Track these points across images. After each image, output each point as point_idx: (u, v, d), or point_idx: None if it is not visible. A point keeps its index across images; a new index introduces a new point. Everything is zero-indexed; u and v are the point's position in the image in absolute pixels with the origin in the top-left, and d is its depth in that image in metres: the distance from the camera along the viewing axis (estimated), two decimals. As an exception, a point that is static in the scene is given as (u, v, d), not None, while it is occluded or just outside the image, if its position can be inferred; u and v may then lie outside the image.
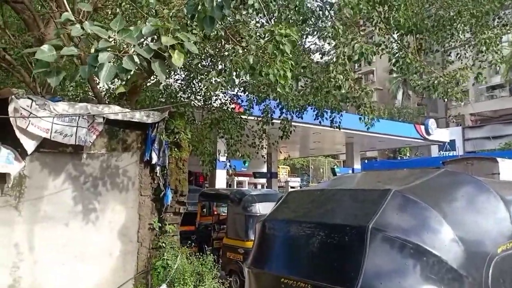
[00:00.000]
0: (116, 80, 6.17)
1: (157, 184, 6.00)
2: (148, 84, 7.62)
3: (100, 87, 6.91)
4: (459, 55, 8.26)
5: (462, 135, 43.39)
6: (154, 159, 5.85)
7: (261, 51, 3.70)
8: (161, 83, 7.61)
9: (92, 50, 2.40)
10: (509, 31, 7.59)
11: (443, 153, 33.07)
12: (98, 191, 5.56)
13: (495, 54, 7.13)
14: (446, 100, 6.98)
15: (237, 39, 4.31)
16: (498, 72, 42.42)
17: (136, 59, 2.44)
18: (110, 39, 2.41)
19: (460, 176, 2.36)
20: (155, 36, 3.07)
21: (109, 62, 2.35)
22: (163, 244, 5.88)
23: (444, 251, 1.75)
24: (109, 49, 2.39)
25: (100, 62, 2.31)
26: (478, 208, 2.04)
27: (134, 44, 2.43)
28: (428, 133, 23.07)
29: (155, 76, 6.56)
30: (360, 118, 6.88)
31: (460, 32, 6.93)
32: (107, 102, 6.49)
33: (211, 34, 3.84)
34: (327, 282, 1.86)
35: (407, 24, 6.68)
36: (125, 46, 2.42)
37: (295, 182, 35.21)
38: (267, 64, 3.62)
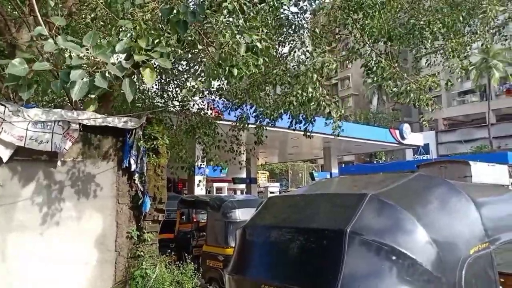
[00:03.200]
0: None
1: (135, 192, 5.91)
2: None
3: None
4: (429, 62, 8.54)
5: (435, 139, 44.65)
6: (132, 166, 5.76)
7: (227, 48, 3.69)
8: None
9: (65, 65, 2.39)
10: (478, 39, 7.90)
11: (418, 157, 33.88)
12: (74, 199, 5.44)
13: (462, 61, 7.42)
14: (417, 106, 7.17)
15: (210, 41, 4.30)
16: (469, 78, 43.89)
17: (109, 75, 2.45)
18: (83, 55, 2.40)
19: (433, 179, 2.44)
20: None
21: (81, 79, 2.34)
22: (142, 253, 5.78)
23: (418, 253, 1.81)
24: (83, 65, 2.38)
25: (72, 79, 2.30)
26: (450, 210, 2.11)
27: (107, 61, 2.42)
28: (402, 137, 23.62)
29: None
30: (326, 123, 7.01)
31: (430, 40, 7.14)
32: (82, 108, 6.38)
33: (185, 38, 3.82)
34: (306, 286, 1.89)
35: (381, 31, 6.86)
36: (98, 61, 2.42)
37: (274, 187, 35.32)
38: (233, 60, 3.60)
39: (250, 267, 2.32)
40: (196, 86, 4.10)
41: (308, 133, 8.35)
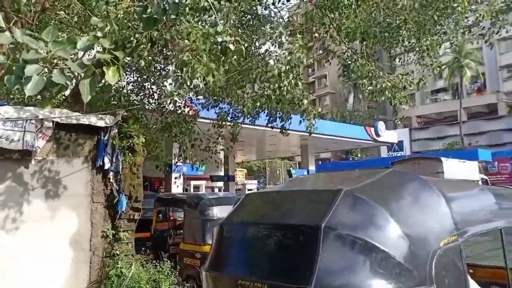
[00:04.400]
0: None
1: (110, 190, 5.82)
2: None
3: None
4: (403, 61, 8.73)
5: (409, 136, 45.76)
6: (107, 165, 5.68)
7: (193, 49, 3.65)
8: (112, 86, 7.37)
9: (21, 59, 2.30)
10: (450, 39, 8.12)
11: (392, 154, 34.62)
12: (48, 198, 5.32)
13: (434, 59, 7.63)
14: (392, 104, 7.32)
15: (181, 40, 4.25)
16: (441, 77, 45.12)
17: (69, 72, 2.38)
18: (41, 50, 2.31)
19: (406, 175, 2.51)
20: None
21: (37, 74, 2.25)
22: (117, 252, 5.72)
23: (391, 247, 1.86)
24: (40, 61, 2.30)
25: (27, 74, 2.21)
26: (422, 205, 2.18)
27: (66, 58, 2.35)
28: (377, 134, 24.05)
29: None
30: (300, 121, 7.09)
31: (406, 38, 7.30)
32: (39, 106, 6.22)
33: (157, 37, 3.77)
34: (283, 281, 1.92)
35: (356, 30, 6.97)
36: (57, 58, 2.34)
37: (252, 185, 35.42)
38: (198, 61, 3.56)
39: (227, 264, 2.33)
40: (170, 90, 4.07)
41: (285, 131, 8.41)
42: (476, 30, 7.85)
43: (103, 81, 3.10)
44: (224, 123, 8.52)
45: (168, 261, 6.14)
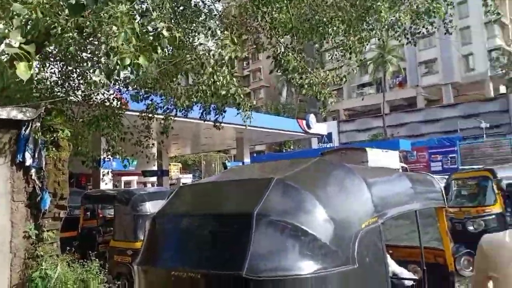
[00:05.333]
0: None
1: (32, 188, 5.46)
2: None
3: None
4: (331, 57, 9.12)
5: (337, 128, 48.06)
6: (28, 161, 5.31)
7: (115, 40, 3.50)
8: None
9: None
10: (375, 35, 8.62)
11: (322, 145, 36.14)
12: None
13: (360, 55, 8.08)
14: (318, 98, 7.66)
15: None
16: (367, 72, 47.85)
17: None
18: None
19: (332, 164, 2.67)
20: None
21: None
22: (41, 253, 5.40)
23: (318, 230, 1.98)
24: None
25: None
26: (346, 191, 2.34)
27: None
28: (308, 127, 24.95)
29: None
30: (237, 114, 7.18)
31: (332, 35, 7.63)
32: None
33: (83, 25, 3.57)
34: (216, 269, 1.96)
35: (287, 25, 7.15)
36: None
37: (187, 179, 35.01)
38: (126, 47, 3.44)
39: (160, 257, 2.31)
40: (98, 79, 3.87)
41: (218, 124, 8.42)
42: (399, 29, 8.36)
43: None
44: (153, 115, 8.28)
45: (97, 259, 5.92)
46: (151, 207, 7.15)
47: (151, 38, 3.51)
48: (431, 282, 3.56)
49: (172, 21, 4.90)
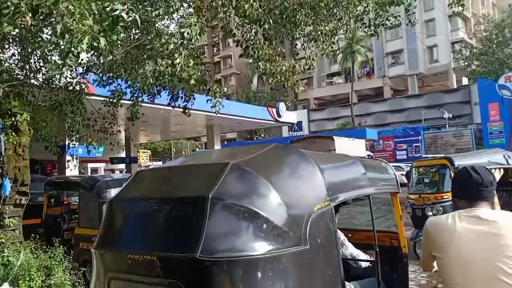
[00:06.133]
0: None
1: (-9, 174, 5.32)
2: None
3: None
4: (303, 46, 9.19)
5: (307, 117, 48.66)
6: (-15, 146, 5.15)
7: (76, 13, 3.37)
8: None
9: None
10: (345, 25, 8.73)
11: (292, 133, 36.55)
12: None
13: (329, 45, 8.18)
14: (285, 86, 7.73)
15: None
16: (336, 61, 48.43)
17: None
18: None
19: (287, 149, 2.76)
20: None
21: None
22: (2, 240, 5.29)
23: (271, 212, 2.06)
24: None
25: None
26: (299, 175, 2.43)
27: None
28: (279, 115, 25.16)
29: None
30: (207, 101, 7.17)
31: (301, 23, 7.68)
32: None
33: (38, 3, 3.42)
34: (171, 251, 2.01)
35: (254, 13, 7.14)
36: None
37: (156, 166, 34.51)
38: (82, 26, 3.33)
39: (117, 240, 2.34)
40: (58, 59, 3.74)
41: (187, 110, 8.36)
42: (365, 19, 8.50)
43: None
44: (118, 102, 8.12)
45: (61, 246, 5.84)
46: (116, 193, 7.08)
47: (109, 21, 3.42)
48: (386, 263, 3.75)
49: (134, 4, 4.77)
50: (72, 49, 3.07)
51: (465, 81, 45.71)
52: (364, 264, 3.85)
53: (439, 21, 43.40)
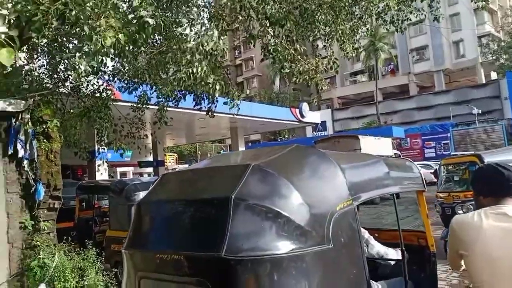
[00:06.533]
0: None
1: (26, 179, 5.54)
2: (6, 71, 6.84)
3: None
4: (324, 45, 9.16)
5: (331, 117, 48.23)
6: (20, 152, 5.38)
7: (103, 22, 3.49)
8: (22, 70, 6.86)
9: None
10: (366, 23, 8.67)
11: (316, 134, 36.33)
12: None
13: (352, 44, 8.13)
14: (309, 86, 7.74)
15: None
16: (359, 60, 47.82)
17: None
18: None
19: (307, 149, 2.79)
20: None
21: None
22: (38, 242, 5.52)
23: (293, 212, 2.10)
24: None
25: None
26: (320, 175, 2.46)
27: None
28: (302, 115, 25.03)
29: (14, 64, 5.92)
30: (225, 103, 7.26)
31: (322, 23, 7.67)
32: None
33: (65, 12, 3.57)
34: (198, 250, 2.08)
35: (274, 17, 7.19)
36: None
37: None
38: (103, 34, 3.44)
39: (146, 241, 2.43)
40: (83, 66, 3.88)
41: (211, 112, 8.48)
42: (387, 16, 8.40)
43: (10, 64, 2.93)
44: (145, 107, 8.33)
45: (93, 248, 6.04)
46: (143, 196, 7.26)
47: (135, 27, 3.54)
48: (413, 262, 3.72)
49: (158, 10, 4.89)
50: (98, 48, 3.18)
51: (493, 75, 44.25)
52: (392, 263, 3.82)
53: (464, 15, 42.22)
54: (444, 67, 44.80)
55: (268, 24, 7.62)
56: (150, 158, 27.11)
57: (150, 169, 29.34)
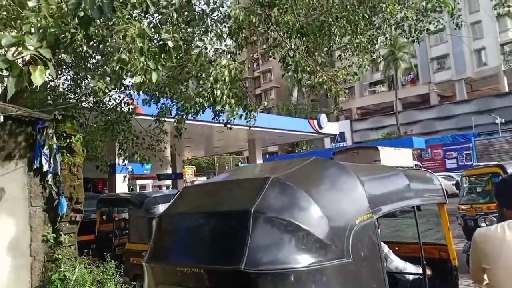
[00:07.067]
0: None
1: (49, 193, 5.67)
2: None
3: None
4: (341, 56, 9.18)
5: (350, 127, 47.84)
6: (44, 166, 5.52)
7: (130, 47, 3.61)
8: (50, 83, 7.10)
9: None
10: (385, 33, 8.65)
11: (335, 145, 36.05)
12: (-20, 204, 5.09)
13: (370, 54, 8.12)
14: (328, 96, 7.74)
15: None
16: (378, 69, 47.50)
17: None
18: None
19: (326, 162, 2.78)
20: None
21: None
22: (59, 256, 5.61)
23: (312, 225, 2.09)
24: None
25: None
26: (339, 188, 2.44)
27: None
28: (320, 126, 24.95)
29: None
30: (241, 116, 7.33)
31: (338, 36, 7.70)
32: None
33: (93, 33, 3.71)
34: (217, 263, 2.09)
35: (294, 27, 7.26)
36: None
37: (201, 181, 35.20)
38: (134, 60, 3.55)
39: (167, 254, 2.45)
40: (102, 86, 4.00)
41: (229, 124, 8.56)
42: (405, 26, 8.37)
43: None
44: (164, 119, 8.47)
45: (112, 261, 6.11)
46: (164, 209, 7.32)
47: (157, 50, 3.64)
48: (435, 276, 3.63)
49: (176, 29, 5.02)
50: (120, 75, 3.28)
51: (517, 83, 43.24)
52: (411, 277, 3.74)
53: (485, 23, 41.54)
54: (466, 76, 44.03)
55: (287, 36, 7.70)
56: (169, 171, 27.40)
57: (168, 182, 29.61)
